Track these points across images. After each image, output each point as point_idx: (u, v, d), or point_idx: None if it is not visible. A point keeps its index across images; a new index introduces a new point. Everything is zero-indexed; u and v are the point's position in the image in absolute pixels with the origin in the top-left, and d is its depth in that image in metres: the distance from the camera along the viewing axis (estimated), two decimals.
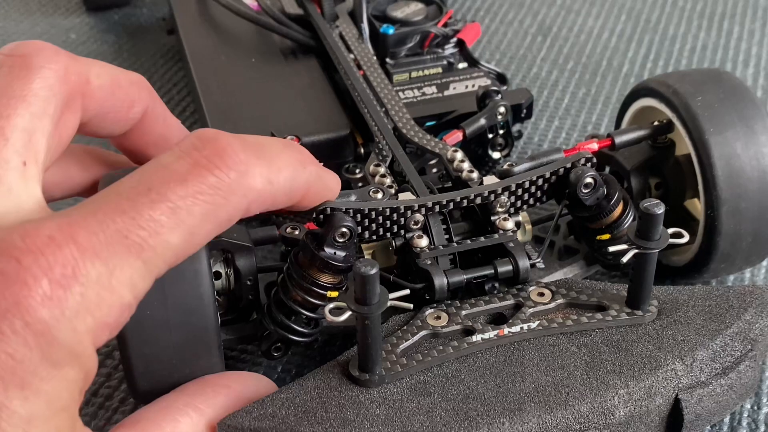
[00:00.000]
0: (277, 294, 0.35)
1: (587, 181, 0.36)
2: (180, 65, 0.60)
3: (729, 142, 0.37)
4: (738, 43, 0.63)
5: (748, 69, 0.59)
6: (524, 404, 0.30)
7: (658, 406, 0.31)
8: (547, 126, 0.54)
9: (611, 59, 0.61)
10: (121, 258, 0.25)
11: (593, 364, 0.32)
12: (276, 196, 0.29)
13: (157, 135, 0.36)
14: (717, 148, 0.36)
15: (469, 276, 0.35)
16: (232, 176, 0.27)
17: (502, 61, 0.61)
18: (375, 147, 0.41)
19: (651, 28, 0.65)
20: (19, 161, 0.28)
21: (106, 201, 0.26)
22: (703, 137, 0.37)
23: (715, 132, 0.37)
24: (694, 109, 0.37)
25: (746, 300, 0.34)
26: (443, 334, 0.34)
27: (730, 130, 0.37)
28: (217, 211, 0.27)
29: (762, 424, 0.36)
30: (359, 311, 0.29)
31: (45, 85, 0.29)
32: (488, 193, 0.36)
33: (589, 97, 0.57)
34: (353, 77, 0.46)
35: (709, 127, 0.37)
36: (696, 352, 0.32)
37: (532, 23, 0.65)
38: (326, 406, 0.30)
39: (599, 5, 0.68)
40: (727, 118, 0.37)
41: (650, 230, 0.32)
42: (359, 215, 0.35)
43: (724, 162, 0.36)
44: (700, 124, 0.37)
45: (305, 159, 0.31)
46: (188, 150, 0.27)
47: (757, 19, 0.66)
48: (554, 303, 0.35)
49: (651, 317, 0.34)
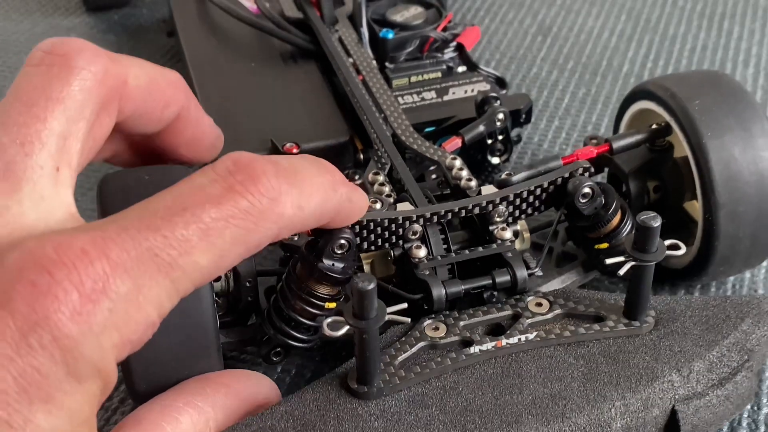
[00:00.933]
0: (276, 301, 0.35)
1: (585, 191, 0.36)
2: (179, 66, 0.60)
3: (727, 146, 0.37)
4: (738, 43, 0.62)
5: (748, 69, 0.59)
6: (522, 417, 0.31)
7: (654, 417, 0.32)
8: (547, 126, 0.54)
9: (611, 59, 0.61)
10: (151, 276, 0.25)
11: (590, 376, 0.32)
12: (306, 221, 0.29)
13: (190, 135, 0.36)
14: (715, 152, 0.36)
15: (467, 286, 0.35)
16: (264, 202, 0.27)
17: (501, 61, 0.61)
18: (374, 154, 0.42)
19: (651, 28, 0.65)
20: (52, 166, 0.28)
21: (139, 217, 0.26)
22: (701, 141, 0.37)
23: (713, 136, 0.37)
24: (691, 112, 0.37)
25: (743, 310, 0.34)
26: (441, 345, 0.34)
27: (727, 134, 0.37)
28: (247, 235, 0.27)
29: (762, 425, 0.36)
30: (357, 326, 0.30)
31: (83, 87, 0.29)
32: (486, 203, 0.36)
33: (589, 97, 0.57)
34: (352, 83, 0.46)
35: (707, 131, 0.37)
36: (693, 363, 0.32)
37: (532, 23, 0.65)
38: (325, 419, 0.31)
39: (599, 5, 0.68)
40: (724, 121, 0.37)
41: (647, 243, 0.32)
42: (358, 226, 0.35)
43: (722, 166, 0.36)
44: (697, 127, 0.37)
45: (337, 181, 0.31)
46: (224, 174, 0.27)
47: (757, 19, 0.65)
48: (552, 313, 0.35)
49: (648, 328, 0.34)
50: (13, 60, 0.62)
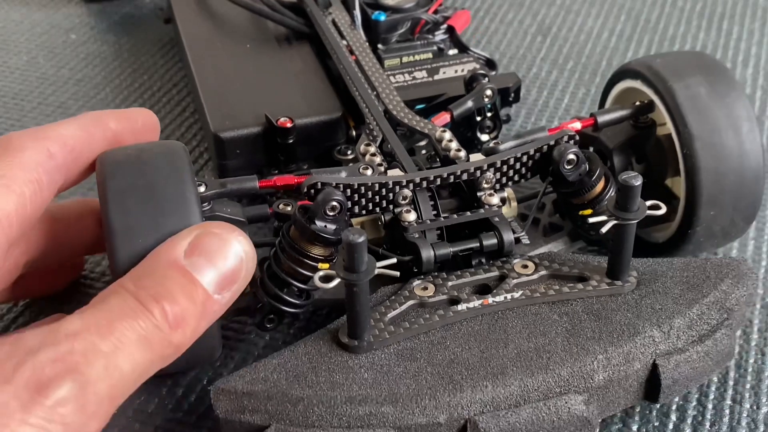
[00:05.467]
0: (270, 267, 0.36)
1: (570, 158, 0.37)
2: (178, 57, 0.61)
3: (709, 119, 0.38)
4: (738, 43, 0.63)
5: (747, 69, 0.60)
6: (506, 368, 0.32)
7: (636, 371, 0.33)
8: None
9: (611, 59, 0.61)
10: None
11: (574, 332, 0.33)
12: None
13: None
14: (696, 126, 0.37)
15: (455, 249, 0.36)
16: None
17: (501, 61, 0.61)
18: (366, 128, 0.43)
19: (651, 28, 0.65)
20: None
21: None
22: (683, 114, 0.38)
23: (695, 109, 0.38)
24: (674, 88, 0.38)
25: (723, 271, 0.35)
26: (430, 303, 0.35)
27: (708, 102, 0.38)
28: None
29: (762, 424, 0.36)
30: (348, 278, 0.31)
31: None
32: (474, 169, 0.37)
33: (589, 97, 0.57)
34: (345, 62, 0.47)
35: (689, 104, 0.38)
36: (673, 320, 0.34)
37: (532, 23, 0.66)
38: (316, 370, 0.32)
39: (599, 5, 0.68)
40: (704, 93, 0.38)
41: (628, 202, 0.33)
42: (349, 190, 0.36)
43: (705, 141, 0.37)
44: (680, 102, 0.38)
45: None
46: None
47: (757, 19, 0.66)
48: (537, 274, 0.36)
49: (630, 287, 0.35)
50: (13, 60, 0.62)
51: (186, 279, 0.30)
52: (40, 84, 0.59)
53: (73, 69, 0.61)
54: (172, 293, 0.30)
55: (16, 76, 0.60)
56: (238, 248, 0.32)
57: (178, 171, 0.33)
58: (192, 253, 0.31)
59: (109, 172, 0.33)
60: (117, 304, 0.29)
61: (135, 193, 0.32)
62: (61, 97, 0.58)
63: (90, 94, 0.58)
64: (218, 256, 0.31)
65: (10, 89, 0.59)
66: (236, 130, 0.44)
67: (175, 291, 0.30)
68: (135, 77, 0.60)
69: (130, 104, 0.57)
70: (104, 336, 0.28)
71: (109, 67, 0.61)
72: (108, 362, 0.28)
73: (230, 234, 0.32)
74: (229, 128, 0.44)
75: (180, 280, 0.30)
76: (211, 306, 0.31)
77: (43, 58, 0.62)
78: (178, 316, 0.30)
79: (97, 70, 0.61)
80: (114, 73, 0.60)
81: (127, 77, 0.60)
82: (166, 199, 0.32)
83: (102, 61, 0.62)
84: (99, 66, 0.61)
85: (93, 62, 0.62)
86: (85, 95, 0.58)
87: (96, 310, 0.29)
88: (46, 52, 0.63)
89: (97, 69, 0.61)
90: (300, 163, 0.46)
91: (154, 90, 0.59)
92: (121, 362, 0.28)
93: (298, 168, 0.45)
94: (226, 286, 0.31)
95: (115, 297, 0.30)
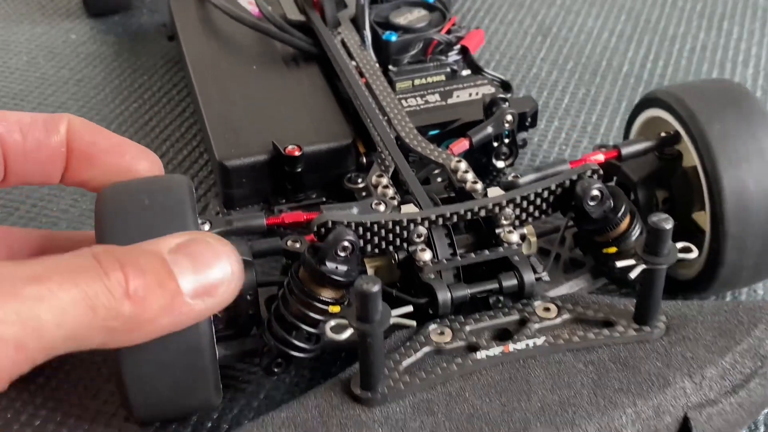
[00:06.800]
0: (278, 309, 0.34)
1: (594, 194, 0.35)
2: (182, 74, 0.60)
3: (737, 153, 0.36)
4: (738, 43, 0.62)
5: (747, 69, 0.59)
6: (530, 424, 0.30)
7: (666, 425, 0.31)
8: (547, 126, 0.53)
9: (611, 59, 0.61)
10: None
11: (600, 383, 0.31)
12: None
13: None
14: (723, 159, 0.36)
15: (473, 291, 0.34)
16: None
17: (501, 61, 0.60)
18: (377, 157, 0.41)
19: (651, 28, 0.64)
20: None
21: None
22: (710, 148, 0.36)
23: (722, 144, 0.36)
24: (701, 121, 0.37)
25: (756, 315, 0.34)
26: (447, 350, 0.33)
27: (737, 140, 0.36)
28: None
29: (761, 425, 0.35)
30: (361, 329, 0.29)
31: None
32: (493, 205, 0.35)
33: (588, 98, 0.56)
34: (355, 85, 0.45)
35: (716, 137, 0.36)
36: (705, 370, 0.32)
37: (532, 24, 0.65)
38: (327, 425, 0.30)
39: (599, 5, 0.68)
40: (733, 129, 0.36)
41: (659, 245, 0.31)
42: (361, 228, 0.34)
43: (731, 175, 0.36)
44: (707, 135, 0.36)
45: None
46: None
47: (757, 19, 0.65)
48: (560, 318, 0.34)
49: (659, 333, 0.33)
50: (13, 60, 0.61)
51: (162, 266, 0.28)
52: (40, 84, 0.59)
53: (73, 69, 0.60)
54: (140, 266, 0.28)
55: (16, 76, 0.60)
56: (226, 264, 0.30)
57: (180, 210, 0.31)
58: (177, 251, 0.29)
59: (109, 210, 0.31)
60: (72, 259, 0.27)
61: (134, 233, 0.30)
62: (61, 97, 0.57)
63: (90, 94, 0.57)
64: (202, 262, 0.29)
65: (10, 89, 0.58)
66: (242, 158, 0.42)
67: (145, 267, 0.28)
68: (135, 77, 0.59)
69: (130, 104, 0.56)
70: (32, 282, 0.26)
71: (109, 67, 0.60)
72: (23, 308, 0.25)
73: (223, 248, 0.30)
74: (234, 156, 0.42)
75: (155, 263, 0.28)
76: (180, 305, 0.28)
77: (43, 58, 0.62)
78: (138, 289, 0.27)
79: (97, 70, 0.60)
80: (114, 73, 0.60)
81: (127, 77, 0.59)
82: None
83: (102, 61, 0.61)
84: (99, 66, 0.60)
85: (93, 62, 0.61)
86: (85, 95, 0.57)
87: (49, 260, 0.27)
88: (46, 52, 0.62)
89: (97, 69, 0.60)
90: (308, 191, 0.44)
91: (154, 90, 0.58)
92: (43, 312, 0.26)
93: (306, 197, 0.43)
94: (201, 294, 0.29)
95: (75, 254, 0.27)
